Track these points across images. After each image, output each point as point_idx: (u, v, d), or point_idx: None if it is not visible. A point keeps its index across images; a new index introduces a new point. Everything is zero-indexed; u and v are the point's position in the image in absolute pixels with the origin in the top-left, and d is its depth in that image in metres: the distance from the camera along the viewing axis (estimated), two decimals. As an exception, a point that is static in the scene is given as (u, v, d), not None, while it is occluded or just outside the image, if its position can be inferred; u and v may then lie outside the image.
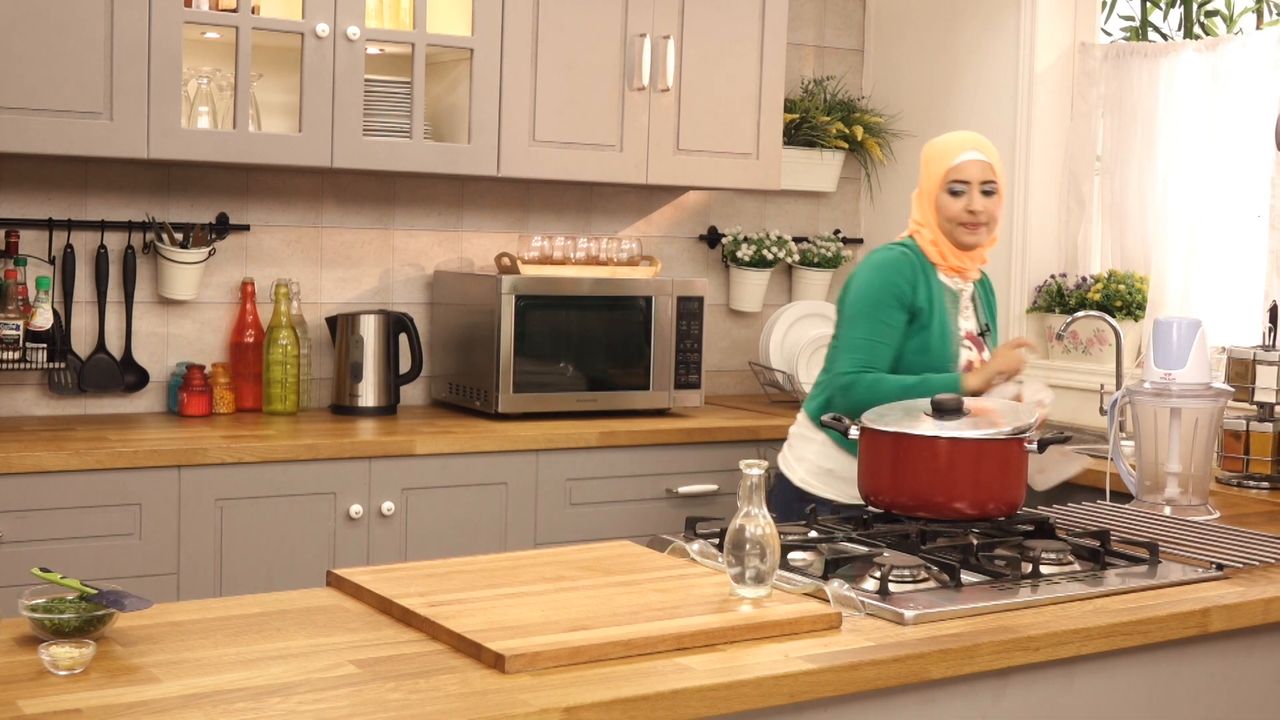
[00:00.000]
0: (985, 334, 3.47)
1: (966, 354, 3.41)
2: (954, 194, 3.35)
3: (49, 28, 3.61)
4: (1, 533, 3.40)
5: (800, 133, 5.06)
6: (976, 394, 3.24)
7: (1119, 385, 4.24)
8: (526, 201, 4.71)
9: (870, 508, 2.88)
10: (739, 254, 4.99)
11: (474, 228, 4.62)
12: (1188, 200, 4.43)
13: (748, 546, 2.20)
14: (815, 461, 3.44)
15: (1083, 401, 4.55)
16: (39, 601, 1.97)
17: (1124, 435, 3.55)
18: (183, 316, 4.23)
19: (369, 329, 4.27)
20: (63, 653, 1.83)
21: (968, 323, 3.44)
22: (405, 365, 4.36)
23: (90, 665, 1.85)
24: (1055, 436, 2.87)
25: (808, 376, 4.74)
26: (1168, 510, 3.09)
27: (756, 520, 2.20)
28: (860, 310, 3.33)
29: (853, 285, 3.39)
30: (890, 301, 3.30)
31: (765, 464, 2.25)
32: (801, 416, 3.53)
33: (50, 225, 4.01)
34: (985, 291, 3.55)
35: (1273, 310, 3.63)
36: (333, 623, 2.11)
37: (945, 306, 3.36)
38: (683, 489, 4.26)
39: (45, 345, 3.87)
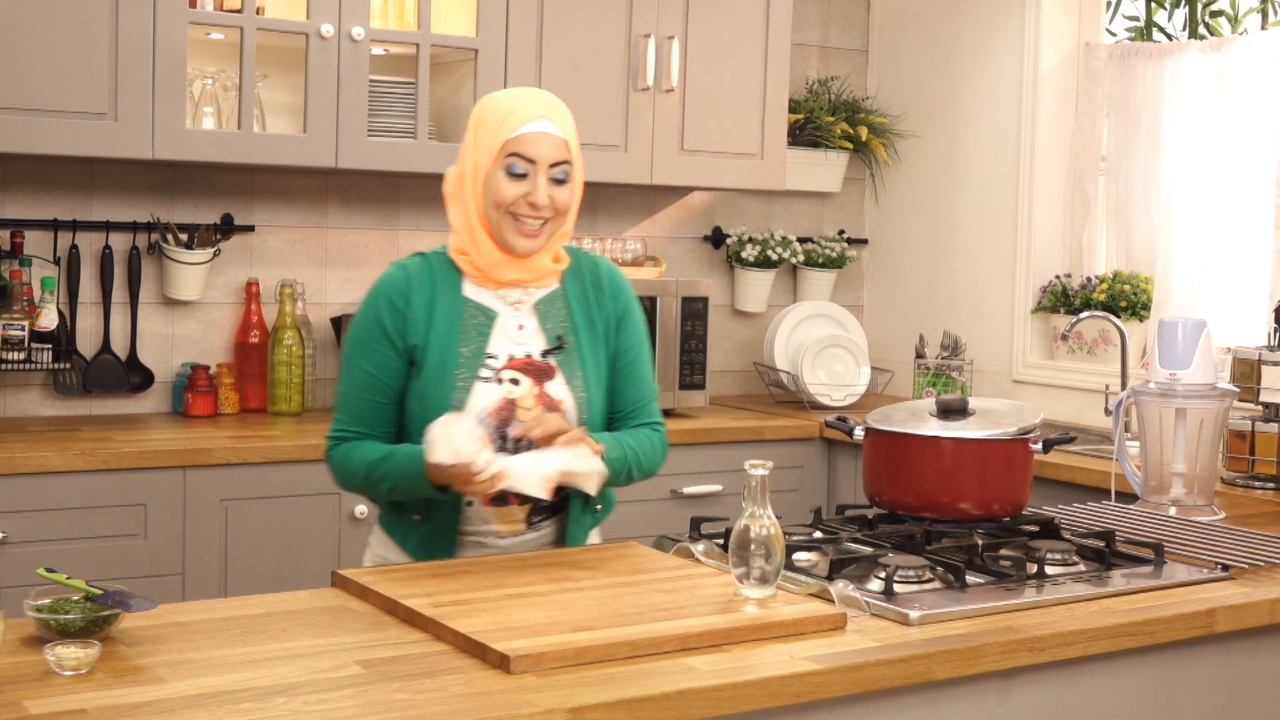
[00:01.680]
0: (558, 350, 2.59)
1: (502, 391, 2.54)
2: (512, 175, 2.51)
3: (54, 28, 3.61)
4: (7, 533, 3.41)
5: (805, 133, 5.06)
6: (442, 487, 2.45)
7: (1124, 386, 4.23)
8: (531, 202, 4.70)
9: (875, 508, 2.88)
10: (744, 254, 4.99)
11: (478, 228, 4.61)
12: (1193, 200, 4.43)
13: (752, 547, 2.19)
14: (374, 548, 2.72)
15: (1088, 402, 4.55)
16: (44, 602, 1.97)
17: (1129, 436, 3.55)
18: (188, 317, 4.23)
19: (374, 329, 4.27)
20: (68, 653, 1.83)
21: (522, 343, 2.58)
22: (410, 366, 4.36)
23: (96, 666, 1.85)
24: (1060, 437, 2.87)
25: (813, 377, 4.74)
26: (1173, 511, 3.09)
27: (761, 521, 2.20)
28: (345, 354, 2.60)
29: None
30: (371, 341, 2.55)
31: (769, 464, 2.25)
32: None
33: (55, 226, 4.01)
34: (580, 286, 2.66)
35: (1278, 310, 3.62)
36: (338, 623, 2.11)
37: (458, 331, 2.54)
38: (688, 489, 4.26)
39: (50, 346, 3.88)
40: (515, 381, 2.55)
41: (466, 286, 2.58)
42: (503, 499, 2.54)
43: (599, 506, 2.67)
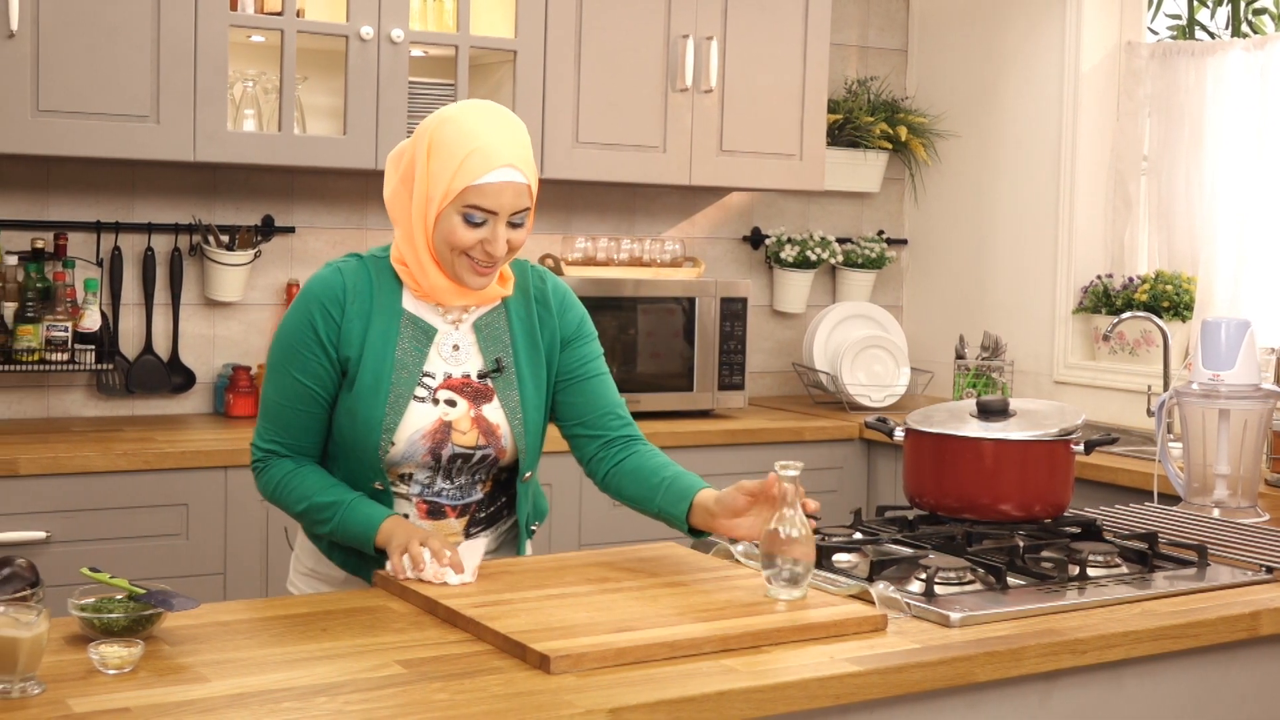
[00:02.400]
0: (495, 373, 2.47)
1: (438, 412, 2.43)
2: (469, 223, 2.34)
3: (96, 32, 3.64)
4: (51, 533, 3.43)
5: (844, 133, 5.05)
6: (381, 548, 2.37)
7: (1166, 387, 4.21)
8: (570, 203, 4.71)
9: (915, 509, 2.87)
10: (782, 255, 4.98)
11: (517, 229, 4.62)
12: (1236, 199, 4.39)
13: (782, 548, 2.19)
14: (302, 560, 2.62)
15: (1129, 403, 4.52)
16: (88, 601, 1.98)
17: (1172, 437, 3.52)
18: (229, 318, 4.25)
19: (413, 330, 4.28)
20: (111, 652, 1.84)
21: (459, 362, 2.47)
22: (449, 366, 4.37)
23: (138, 664, 1.86)
24: (1102, 438, 2.85)
25: (852, 378, 4.73)
26: (1216, 512, 3.07)
27: (792, 521, 2.19)
28: (274, 360, 2.46)
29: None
30: (303, 349, 2.41)
31: (800, 465, 2.24)
32: None
33: (98, 228, 4.04)
34: (524, 304, 2.53)
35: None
36: (378, 623, 2.12)
37: (394, 345, 2.42)
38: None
39: (93, 347, 3.90)
40: (451, 403, 2.44)
41: (405, 298, 2.45)
42: (439, 511, 2.50)
43: (535, 526, 2.63)
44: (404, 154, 2.43)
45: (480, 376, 2.47)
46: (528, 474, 2.53)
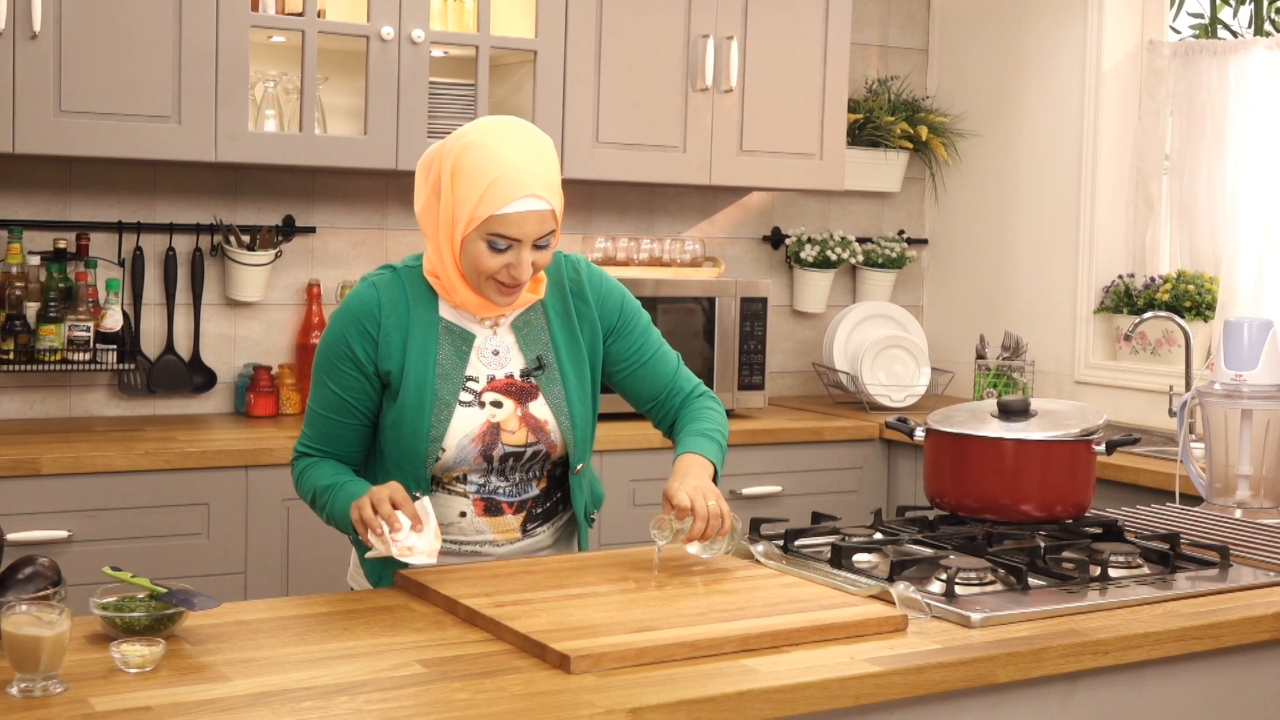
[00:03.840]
0: (538, 370, 2.50)
1: (485, 415, 2.47)
2: (495, 249, 2.36)
3: (118, 33, 3.65)
4: (72, 532, 3.44)
5: (864, 133, 5.04)
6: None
7: (1188, 387, 4.19)
8: (590, 202, 4.71)
9: (935, 509, 2.86)
10: (803, 255, 4.98)
11: (538, 229, 4.62)
12: (1258, 199, 4.38)
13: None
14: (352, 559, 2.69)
15: (1151, 403, 4.51)
16: (110, 600, 1.99)
17: (1194, 437, 3.51)
18: (250, 318, 4.27)
19: (433, 330, 4.29)
20: (133, 651, 1.85)
21: (502, 364, 2.50)
22: (469, 366, 4.37)
23: (160, 663, 1.87)
24: (1124, 438, 2.84)
25: (872, 378, 4.72)
26: (1238, 513, 3.06)
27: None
28: (315, 371, 2.51)
29: None
30: (340, 364, 2.45)
31: (668, 536, 2.40)
32: None
33: (120, 228, 4.06)
34: (561, 299, 2.56)
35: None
36: (399, 623, 2.12)
37: (435, 355, 2.45)
38: (747, 490, 4.25)
39: (115, 346, 3.92)
40: (498, 404, 2.47)
41: (442, 306, 2.47)
42: (497, 509, 2.52)
43: (594, 514, 2.65)
44: (431, 166, 2.43)
45: (523, 375, 2.50)
46: (579, 466, 2.56)
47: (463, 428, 2.44)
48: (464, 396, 2.46)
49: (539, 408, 2.49)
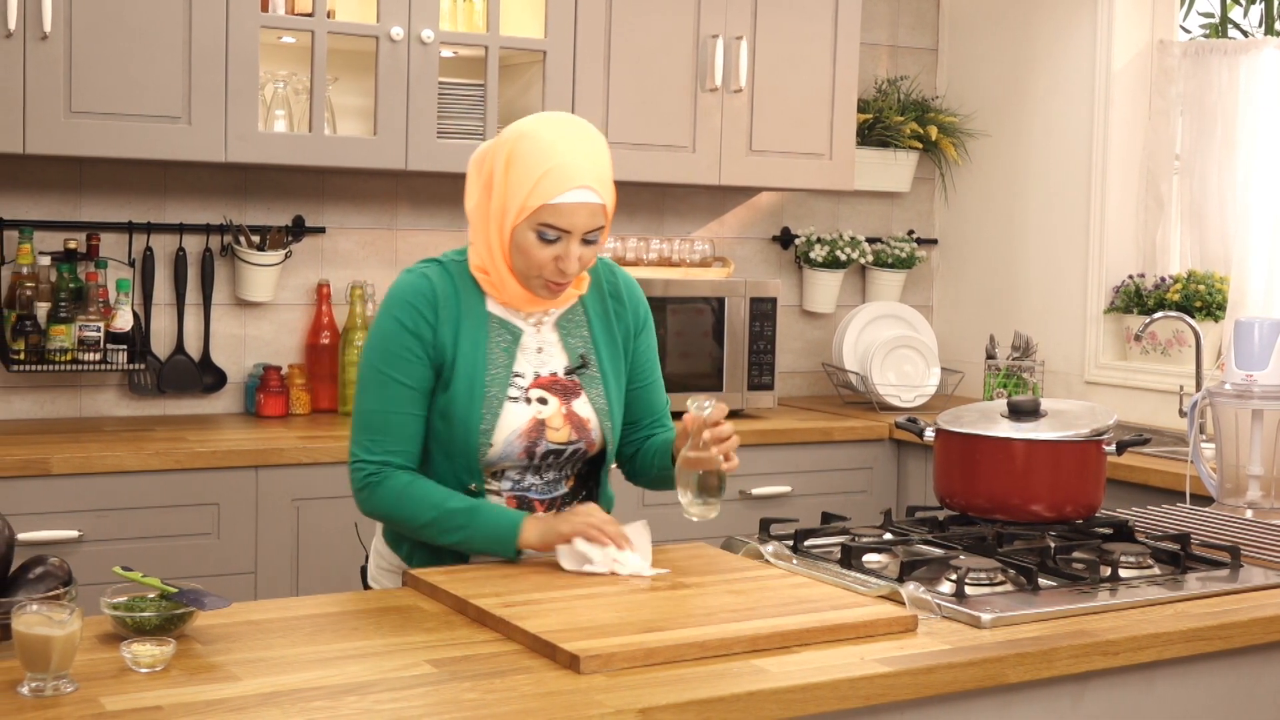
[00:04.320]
0: (581, 369, 2.53)
1: (532, 411, 2.47)
2: (544, 239, 2.38)
3: (128, 34, 3.65)
4: (83, 532, 3.45)
5: (874, 133, 5.04)
6: (532, 547, 2.40)
7: (1199, 387, 4.19)
8: (599, 203, 4.71)
9: (945, 510, 2.86)
10: (812, 255, 4.97)
11: (547, 229, 4.62)
12: (1269, 199, 4.37)
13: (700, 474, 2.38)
14: (384, 556, 2.62)
15: (1162, 403, 4.50)
16: (120, 600, 1.99)
17: (1204, 437, 3.50)
18: (260, 318, 4.27)
19: (443, 330, 4.29)
20: (144, 650, 1.85)
21: (545, 362, 2.51)
22: (479, 366, 4.37)
23: (170, 663, 1.87)
24: (1134, 439, 2.84)
25: (882, 378, 4.72)
26: (1249, 513, 3.05)
27: (696, 446, 2.39)
28: (372, 368, 2.45)
29: (367, 336, 2.53)
30: (404, 352, 2.42)
31: (712, 402, 2.39)
32: None
33: (130, 228, 4.06)
34: (600, 300, 2.59)
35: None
36: (409, 623, 2.13)
37: (485, 349, 2.46)
38: (756, 491, 4.25)
39: (125, 347, 3.92)
40: (543, 401, 2.48)
41: (489, 301, 2.49)
42: (528, 506, 2.52)
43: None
44: (485, 161, 2.45)
45: (567, 373, 2.52)
46: (614, 465, 2.60)
47: (511, 423, 2.45)
48: (512, 392, 2.47)
49: (582, 406, 2.51)
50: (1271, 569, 2.57)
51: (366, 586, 2.66)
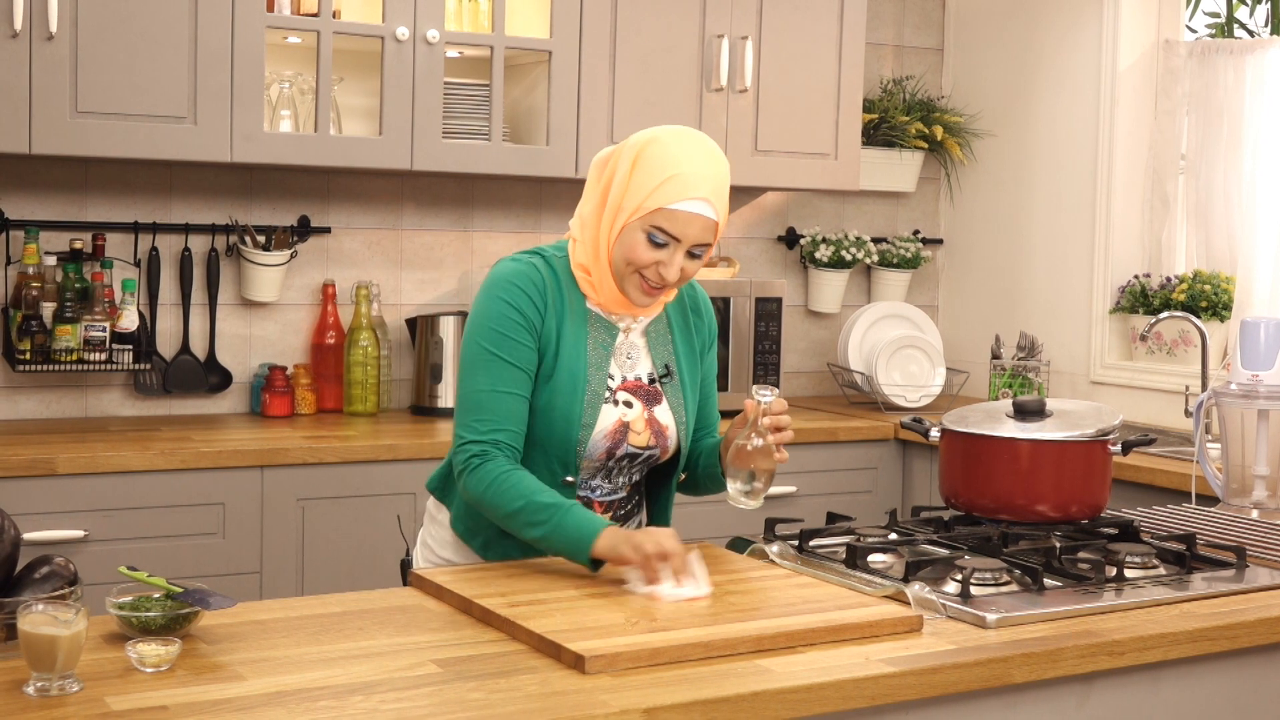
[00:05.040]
0: (665, 379, 2.55)
1: (619, 413, 2.49)
2: (652, 242, 2.39)
3: (134, 34, 3.66)
4: (88, 531, 3.45)
5: (879, 133, 5.04)
6: (602, 561, 2.31)
7: (1204, 387, 4.18)
8: (604, 203, 4.71)
9: (951, 510, 2.86)
10: (817, 255, 4.97)
11: (552, 229, 4.63)
12: (1275, 198, 4.36)
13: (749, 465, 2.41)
14: (435, 550, 2.62)
15: (1168, 403, 4.49)
16: (126, 600, 1.99)
17: (1210, 438, 3.50)
18: (265, 318, 4.27)
19: (448, 330, 4.29)
20: (149, 650, 1.85)
21: (632, 366, 2.53)
22: (484, 366, 4.37)
23: (176, 663, 1.87)
24: (1140, 439, 2.84)
25: (887, 378, 4.72)
26: (1255, 514, 3.05)
27: (751, 437, 2.42)
28: (477, 349, 2.43)
29: (470, 317, 2.50)
30: (513, 333, 2.42)
31: (774, 390, 2.44)
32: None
33: (135, 228, 4.07)
34: (681, 313, 2.62)
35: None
36: (414, 622, 2.13)
37: (585, 345, 2.47)
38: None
39: (131, 346, 3.92)
40: (629, 404, 2.49)
41: (589, 300, 2.50)
42: (588, 506, 2.53)
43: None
44: (609, 160, 2.47)
45: (651, 381, 2.54)
46: (683, 475, 2.64)
47: (603, 422, 2.47)
48: (604, 392, 2.48)
49: (663, 412, 2.53)
50: (1277, 569, 2.57)
51: (407, 582, 2.64)
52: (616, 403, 2.48)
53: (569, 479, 2.47)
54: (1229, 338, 4.42)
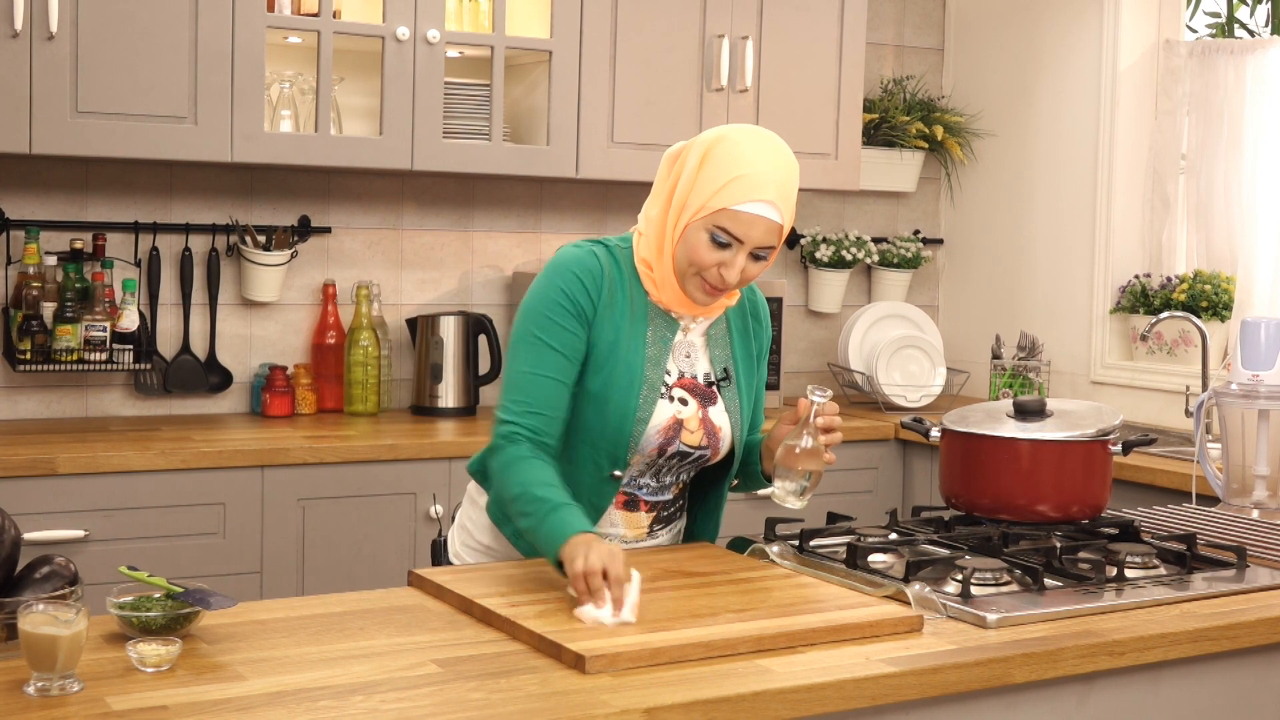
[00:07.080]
0: (723, 381, 2.54)
1: (674, 410, 2.48)
2: (715, 241, 2.37)
3: (134, 34, 3.66)
4: (89, 531, 3.45)
5: (880, 133, 5.04)
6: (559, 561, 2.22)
7: (1205, 387, 4.18)
8: (605, 203, 4.71)
9: (951, 510, 2.86)
10: (818, 255, 4.97)
11: (553, 229, 4.63)
12: (1275, 198, 4.36)
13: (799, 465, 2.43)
14: (473, 534, 2.61)
15: (1168, 403, 4.49)
16: (126, 600, 2.00)
17: (1210, 438, 3.50)
18: (265, 318, 4.27)
19: (449, 330, 4.30)
20: (150, 650, 1.85)
21: (690, 365, 2.52)
22: (485, 366, 4.38)
23: (176, 663, 1.87)
24: (1140, 439, 2.84)
25: (887, 378, 4.72)
26: (1255, 514, 3.05)
27: (802, 436, 2.44)
28: (526, 330, 2.42)
29: (524, 299, 2.49)
30: (561, 319, 2.40)
31: (828, 391, 2.46)
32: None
33: (136, 228, 4.07)
34: (741, 317, 2.61)
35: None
36: (414, 622, 2.13)
37: (644, 338, 2.46)
38: (762, 491, 4.24)
39: (131, 346, 3.92)
40: (684, 402, 2.48)
41: (651, 295, 2.48)
42: (635, 504, 2.53)
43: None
44: (679, 156, 2.45)
45: (710, 383, 2.52)
46: (735, 480, 2.65)
47: (657, 417, 2.45)
48: (660, 387, 2.47)
49: (718, 414, 2.52)
50: (1278, 569, 2.57)
51: (439, 562, 2.66)
52: (672, 399, 2.47)
53: (616, 473, 2.46)
54: (1229, 338, 4.42)
